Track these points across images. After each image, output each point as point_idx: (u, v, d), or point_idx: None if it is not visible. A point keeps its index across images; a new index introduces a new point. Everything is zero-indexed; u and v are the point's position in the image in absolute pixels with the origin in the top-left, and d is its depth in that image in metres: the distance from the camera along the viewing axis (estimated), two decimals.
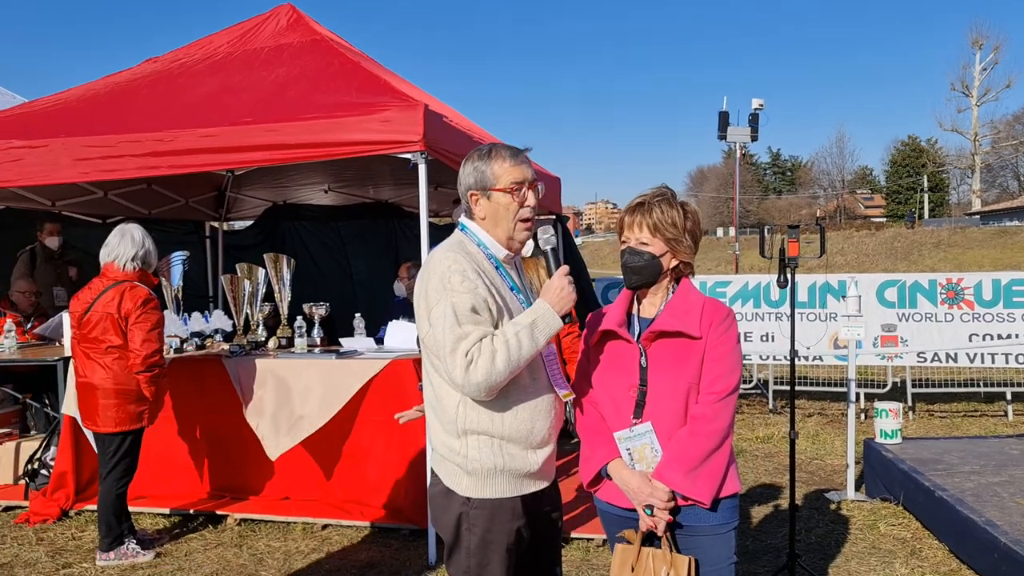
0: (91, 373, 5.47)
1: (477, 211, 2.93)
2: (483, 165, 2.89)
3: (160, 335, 5.48)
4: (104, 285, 5.48)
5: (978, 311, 9.78)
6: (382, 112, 5.56)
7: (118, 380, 5.41)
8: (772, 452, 8.39)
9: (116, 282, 5.45)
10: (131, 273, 5.50)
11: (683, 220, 2.91)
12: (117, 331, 5.41)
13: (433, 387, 2.89)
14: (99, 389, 5.43)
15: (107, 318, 5.41)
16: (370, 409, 6.04)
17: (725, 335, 2.86)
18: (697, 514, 2.84)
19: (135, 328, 5.37)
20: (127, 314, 5.37)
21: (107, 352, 5.44)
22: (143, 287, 5.48)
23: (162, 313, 5.57)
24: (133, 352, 5.37)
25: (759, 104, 20.66)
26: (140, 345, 5.35)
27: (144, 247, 5.55)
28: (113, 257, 5.51)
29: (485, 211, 2.91)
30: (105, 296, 5.43)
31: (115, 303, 5.39)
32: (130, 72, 7.43)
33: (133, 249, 5.51)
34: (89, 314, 5.46)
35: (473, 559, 2.84)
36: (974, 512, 5.19)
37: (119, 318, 5.38)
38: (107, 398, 5.42)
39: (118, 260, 5.50)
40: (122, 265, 5.50)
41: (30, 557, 5.61)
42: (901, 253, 42.99)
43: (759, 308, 10.27)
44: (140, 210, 9.65)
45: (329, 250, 11.20)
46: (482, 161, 2.90)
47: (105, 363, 5.43)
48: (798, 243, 5.13)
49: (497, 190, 2.88)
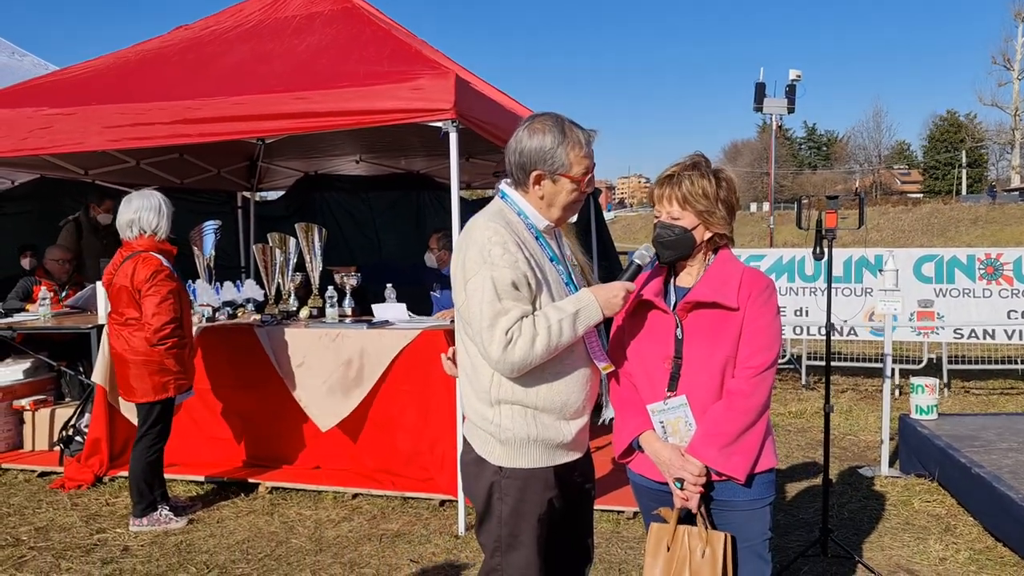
0: (117, 344, 5.53)
1: (535, 189, 2.82)
2: (558, 146, 2.76)
3: (172, 306, 5.42)
4: (124, 256, 5.50)
5: (1017, 287, 9.63)
6: (413, 80, 5.49)
7: (137, 351, 5.44)
8: (805, 427, 8.31)
9: (133, 253, 5.46)
10: (146, 242, 5.49)
11: (715, 189, 2.81)
12: (132, 303, 5.43)
13: (468, 355, 2.85)
14: (126, 360, 5.48)
15: (123, 290, 5.44)
16: (401, 379, 6.02)
17: (764, 307, 2.78)
18: (732, 489, 2.79)
19: (146, 300, 5.37)
20: (139, 286, 5.38)
21: (127, 324, 5.47)
22: (156, 257, 5.45)
23: (177, 284, 5.52)
24: (145, 324, 5.39)
25: (796, 75, 20.29)
26: (151, 317, 5.35)
27: (139, 212, 5.47)
28: (117, 226, 5.53)
29: (545, 191, 2.81)
30: (124, 267, 5.45)
31: (129, 275, 5.41)
32: (160, 40, 7.40)
33: (128, 215, 5.47)
34: (112, 286, 5.51)
35: (504, 528, 2.82)
36: (1011, 489, 5.10)
37: (133, 290, 5.40)
38: (135, 368, 5.46)
39: (120, 229, 5.51)
40: (124, 234, 5.51)
41: (65, 522, 5.67)
42: (938, 229, 42.53)
43: (793, 282, 10.18)
44: (172, 179, 9.67)
45: (358, 222, 11.19)
46: (556, 141, 2.76)
47: (125, 335, 5.48)
48: (836, 214, 5.03)
49: (567, 177, 2.79)
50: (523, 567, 2.82)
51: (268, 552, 5.15)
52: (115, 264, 5.53)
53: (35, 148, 6.29)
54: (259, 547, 5.23)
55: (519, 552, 2.82)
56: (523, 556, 2.82)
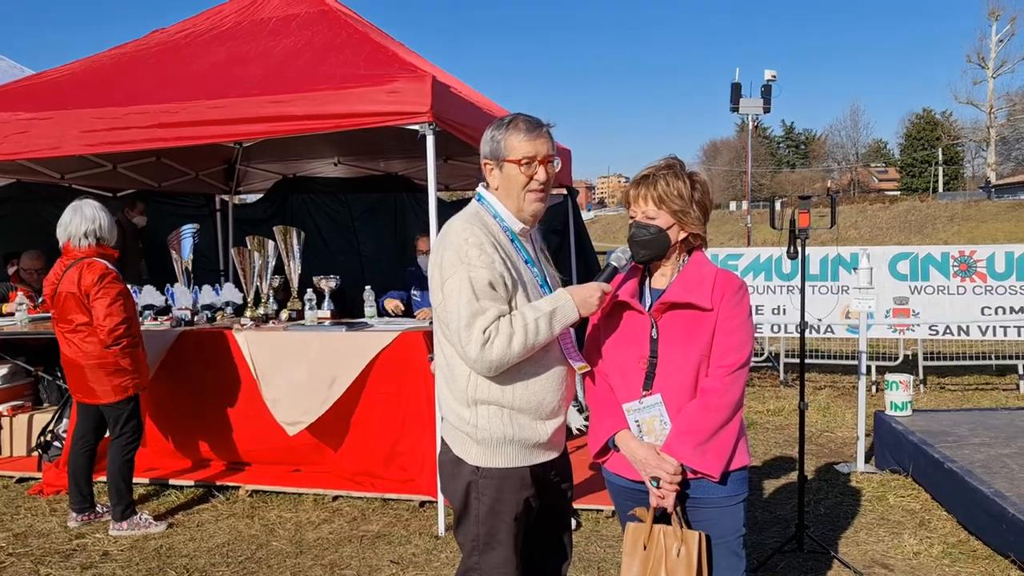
0: (69, 351, 5.52)
1: (491, 181, 2.93)
2: (500, 135, 2.87)
3: (124, 306, 5.43)
4: (65, 264, 5.49)
5: (991, 284, 9.73)
6: (390, 83, 5.51)
7: (90, 355, 5.43)
8: (783, 424, 8.38)
9: (76, 260, 5.45)
10: (87, 249, 5.48)
11: (690, 191, 2.87)
12: (81, 309, 5.42)
13: (445, 356, 2.88)
14: (80, 365, 5.47)
15: (71, 297, 5.42)
16: (380, 381, 6.03)
17: (737, 307, 2.83)
18: (706, 486, 2.83)
19: (96, 303, 5.36)
20: (87, 290, 5.37)
21: (76, 331, 5.46)
22: (100, 262, 5.45)
23: (123, 285, 5.51)
24: (98, 327, 5.38)
25: (772, 75, 20.51)
26: (103, 320, 5.35)
27: (96, 222, 5.50)
28: (68, 236, 5.51)
29: (498, 181, 2.90)
30: (67, 275, 5.44)
31: (75, 281, 5.40)
32: (136, 43, 7.37)
33: (85, 225, 5.47)
34: (57, 295, 5.49)
35: (482, 527, 2.85)
36: (983, 483, 5.18)
37: (81, 295, 5.39)
38: (90, 372, 5.45)
39: (72, 238, 5.50)
40: (77, 243, 5.49)
41: (44, 528, 5.66)
42: (915, 226, 42.84)
43: (771, 281, 10.25)
44: (150, 183, 9.63)
45: (338, 225, 11.18)
46: (499, 131, 2.88)
47: (77, 341, 5.46)
48: (809, 214, 5.08)
49: (509, 161, 2.85)
50: (500, 566, 2.85)
51: (248, 555, 5.16)
52: (57, 273, 5.52)
53: (11, 153, 6.25)
54: (239, 550, 5.24)
55: (496, 551, 2.85)
56: (500, 555, 2.85)
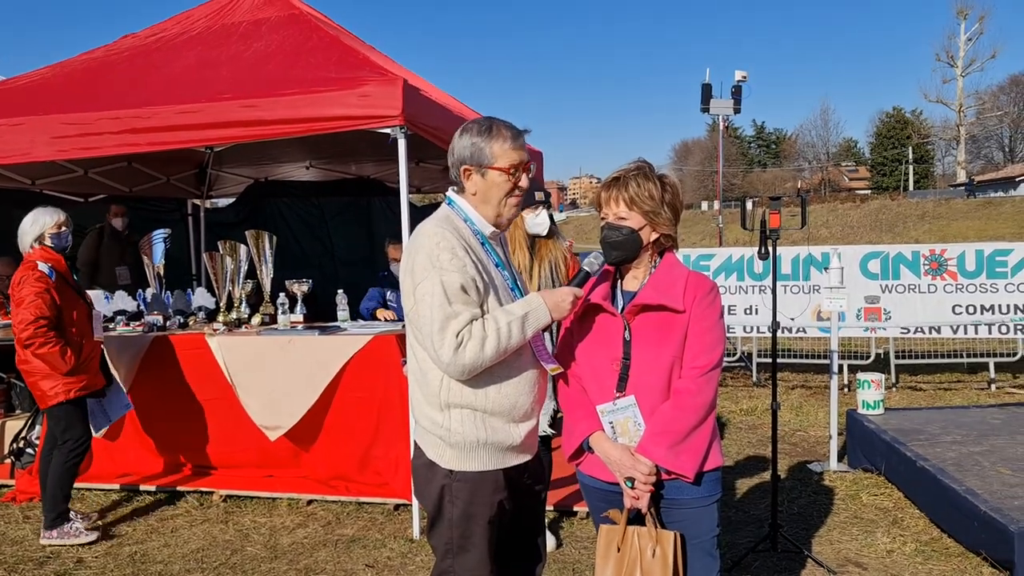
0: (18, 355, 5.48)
1: (468, 186, 2.89)
2: (482, 141, 2.83)
3: (38, 306, 5.25)
4: None
5: (961, 282, 9.84)
6: (361, 87, 5.50)
7: (21, 359, 5.41)
8: (756, 424, 8.43)
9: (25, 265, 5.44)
10: (29, 253, 5.48)
11: (660, 192, 2.88)
12: None
13: (417, 360, 2.88)
14: (23, 369, 5.45)
15: (10, 300, 5.43)
16: (354, 385, 6.02)
17: (708, 309, 2.85)
18: (680, 487, 2.84)
19: (13, 304, 5.36)
20: (11, 291, 5.37)
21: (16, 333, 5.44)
22: (33, 263, 5.39)
23: (42, 285, 5.32)
24: (14, 328, 5.36)
25: (742, 76, 20.67)
26: (17, 321, 5.31)
27: (37, 226, 5.48)
28: (21, 243, 5.53)
29: (477, 187, 2.88)
30: (12, 280, 5.45)
31: (14, 285, 5.39)
32: (107, 48, 7.33)
33: (29, 230, 5.48)
34: None
35: (455, 531, 2.85)
36: (955, 481, 5.23)
37: None
38: (28, 377, 5.44)
39: (21, 244, 5.52)
40: (25, 247, 5.50)
41: (17, 535, 5.61)
42: (886, 225, 43.17)
43: (743, 281, 10.31)
44: (121, 188, 9.58)
45: (311, 227, 11.15)
46: (482, 137, 2.84)
47: (18, 344, 5.42)
48: (779, 215, 5.11)
49: (494, 169, 2.84)
50: (474, 569, 2.85)
51: (223, 560, 5.13)
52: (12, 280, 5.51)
53: None
54: (214, 556, 5.21)
55: (470, 554, 2.85)
56: (474, 558, 2.85)
